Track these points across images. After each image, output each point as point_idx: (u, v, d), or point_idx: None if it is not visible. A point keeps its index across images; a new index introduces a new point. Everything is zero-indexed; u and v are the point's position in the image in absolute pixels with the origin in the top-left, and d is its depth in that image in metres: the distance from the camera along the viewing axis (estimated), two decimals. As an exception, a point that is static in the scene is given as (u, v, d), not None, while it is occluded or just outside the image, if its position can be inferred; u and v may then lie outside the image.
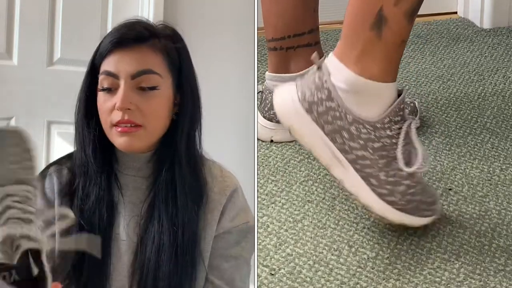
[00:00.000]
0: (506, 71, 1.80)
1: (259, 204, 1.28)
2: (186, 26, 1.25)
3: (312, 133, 1.15)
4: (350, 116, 1.13)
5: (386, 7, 1.10)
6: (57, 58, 1.33)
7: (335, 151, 1.15)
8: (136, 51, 0.92)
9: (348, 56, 1.13)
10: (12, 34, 1.30)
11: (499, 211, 1.25)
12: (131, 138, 0.90)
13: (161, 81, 0.92)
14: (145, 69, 0.91)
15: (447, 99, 1.66)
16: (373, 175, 1.15)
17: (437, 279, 1.10)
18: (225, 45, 1.40)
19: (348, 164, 1.15)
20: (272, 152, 1.44)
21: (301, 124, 1.16)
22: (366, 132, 1.14)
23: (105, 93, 0.91)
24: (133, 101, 0.90)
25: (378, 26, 1.11)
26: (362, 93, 1.13)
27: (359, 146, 1.14)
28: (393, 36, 1.12)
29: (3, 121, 1.29)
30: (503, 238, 1.19)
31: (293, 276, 1.11)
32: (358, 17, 1.13)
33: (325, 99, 1.14)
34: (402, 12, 1.11)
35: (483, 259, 1.14)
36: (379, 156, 1.14)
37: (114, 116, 0.90)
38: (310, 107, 1.15)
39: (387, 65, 1.14)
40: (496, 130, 1.52)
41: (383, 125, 1.14)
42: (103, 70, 0.91)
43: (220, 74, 1.33)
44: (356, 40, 1.13)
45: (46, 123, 1.29)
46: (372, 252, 1.16)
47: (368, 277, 1.11)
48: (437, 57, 1.88)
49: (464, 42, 1.98)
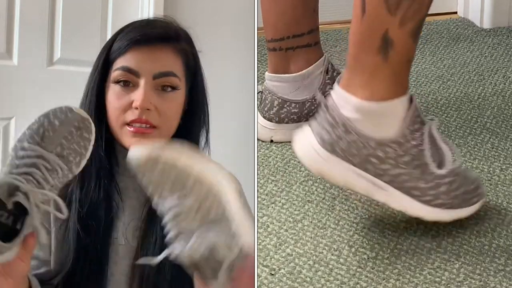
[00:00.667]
0: (506, 71, 1.80)
1: (259, 204, 1.28)
2: (185, 26, 1.25)
3: (343, 171, 1.15)
4: (372, 142, 1.14)
5: (392, 30, 1.10)
6: (57, 58, 1.33)
7: (370, 178, 1.16)
8: (159, 51, 0.90)
9: (355, 84, 1.13)
10: (12, 34, 1.30)
11: (499, 211, 1.25)
12: (144, 139, 0.88)
13: (180, 84, 0.91)
14: (168, 71, 0.89)
15: (447, 99, 1.66)
16: (414, 187, 1.16)
17: (437, 279, 1.10)
18: (225, 45, 1.40)
19: (386, 185, 1.16)
20: (272, 152, 1.44)
21: (330, 166, 1.16)
22: (393, 151, 1.14)
23: (120, 89, 0.89)
24: (153, 101, 0.88)
25: (385, 50, 1.11)
26: (377, 116, 1.13)
27: (391, 166, 1.15)
28: (400, 57, 1.12)
29: (3, 121, 1.29)
30: (503, 238, 1.19)
31: (293, 276, 1.11)
32: (363, 43, 1.13)
33: (344, 134, 1.14)
34: (407, 33, 1.11)
35: (483, 259, 1.14)
36: (413, 167, 1.15)
37: (129, 114, 0.88)
38: (332, 148, 1.15)
39: (396, 83, 1.14)
40: (496, 130, 1.52)
41: (405, 137, 1.14)
42: (120, 66, 0.89)
43: (220, 74, 1.33)
44: (362, 67, 1.13)
45: (46, 123, 1.29)
46: (372, 252, 1.16)
47: (368, 277, 1.11)
48: (437, 57, 1.88)
49: (464, 42, 1.98)
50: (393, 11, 1.09)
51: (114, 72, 0.89)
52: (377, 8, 1.09)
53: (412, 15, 1.10)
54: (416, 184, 1.16)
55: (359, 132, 1.13)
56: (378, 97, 1.12)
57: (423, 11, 1.11)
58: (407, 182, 1.15)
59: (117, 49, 0.90)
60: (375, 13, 1.10)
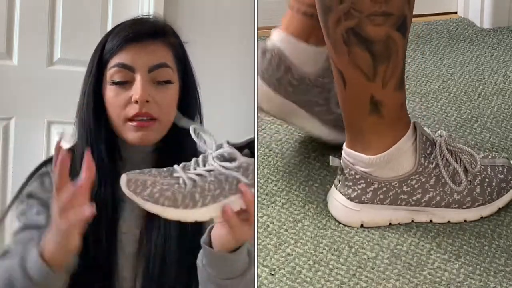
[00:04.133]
0: (506, 70, 1.80)
1: (259, 204, 1.28)
2: (186, 26, 1.25)
3: (379, 213, 1.20)
4: (396, 182, 1.18)
5: (376, 93, 1.14)
6: (57, 58, 1.33)
7: (408, 209, 1.21)
8: (150, 46, 0.93)
9: (359, 145, 1.18)
10: (12, 34, 1.30)
11: (499, 212, 1.25)
12: (147, 133, 0.92)
13: (174, 76, 0.95)
14: (161, 62, 0.93)
15: (447, 98, 1.66)
16: (451, 202, 1.21)
17: (437, 280, 1.10)
18: (225, 45, 1.40)
19: (425, 208, 1.21)
20: (272, 152, 1.44)
21: (368, 216, 1.20)
22: (416, 181, 1.19)
23: (117, 86, 0.92)
24: (151, 93, 0.92)
25: (377, 110, 1.15)
26: (391, 160, 1.17)
27: (422, 194, 1.19)
28: (393, 109, 1.16)
29: (3, 121, 1.29)
30: (503, 239, 1.19)
31: (293, 276, 1.11)
32: (354, 110, 1.17)
33: (367, 186, 1.18)
34: (392, 89, 1.14)
35: (483, 260, 1.14)
36: (441, 186, 1.20)
37: (130, 110, 0.91)
38: (361, 200, 1.19)
39: (397, 127, 1.18)
40: (496, 130, 1.52)
41: (423, 165, 1.18)
42: (116, 63, 0.92)
43: (220, 73, 1.33)
44: (360, 130, 1.17)
45: (46, 123, 1.29)
46: (372, 252, 1.16)
47: (368, 277, 1.11)
48: (437, 57, 1.88)
49: (464, 42, 1.98)
50: (372, 78, 1.13)
51: (110, 70, 0.93)
52: (356, 78, 1.13)
53: (392, 74, 1.13)
54: (452, 197, 1.20)
55: (380, 180, 1.17)
56: (385, 148, 1.17)
57: (400, 64, 1.14)
58: (443, 201, 1.20)
59: (110, 49, 0.93)
60: (355, 83, 1.13)
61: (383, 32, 1.09)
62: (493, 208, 1.24)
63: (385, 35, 1.10)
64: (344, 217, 1.21)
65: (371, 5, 1.07)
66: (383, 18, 1.08)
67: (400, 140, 1.17)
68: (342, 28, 1.09)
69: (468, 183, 1.21)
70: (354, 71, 1.12)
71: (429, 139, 1.19)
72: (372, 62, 1.11)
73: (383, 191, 1.18)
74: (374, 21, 1.08)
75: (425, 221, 1.22)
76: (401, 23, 1.10)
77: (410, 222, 1.22)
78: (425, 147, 1.18)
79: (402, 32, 1.11)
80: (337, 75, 1.15)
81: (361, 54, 1.10)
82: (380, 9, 1.08)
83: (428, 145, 1.19)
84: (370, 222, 1.20)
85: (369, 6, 1.07)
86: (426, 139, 1.19)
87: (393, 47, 1.11)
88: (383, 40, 1.10)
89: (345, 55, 1.11)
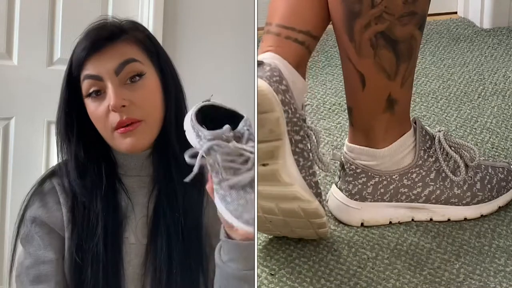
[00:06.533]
0: (506, 70, 1.80)
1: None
2: (186, 26, 1.25)
3: (380, 211, 1.21)
4: (396, 175, 1.19)
5: (394, 92, 1.15)
6: (57, 58, 1.33)
7: (407, 205, 1.21)
8: (111, 49, 0.91)
9: (365, 140, 1.18)
10: (12, 34, 1.29)
11: (499, 212, 1.25)
12: (136, 137, 0.89)
13: (145, 68, 0.92)
14: (125, 59, 0.91)
15: (447, 98, 1.66)
16: (451, 196, 1.21)
17: (437, 279, 1.10)
18: (225, 45, 1.40)
19: (424, 205, 1.21)
20: (272, 152, 1.44)
21: (368, 215, 1.21)
22: (417, 174, 1.19)
23: (93, 99, 0.90)
24: (126, 96, 0.89)
25: (391, 108, 1.16)
26: (395, 154, 1.18)
27: (422, 188, 1.20)
28: (404, 106, 1.18)
29: (3, 121, 1.29)
30: (503, 239, 1.19)
31: (293, 276, 1.11)
32: (368, 109, 1.17)
33: (367, 180, 1.19)
34: (408, 87, 1.16)
35: (483, 260, 1.14)
36: (442, 180, 1.21)
37: (112, 119, 0.89)
38: (361, 195, 1.20)
39: (404, 124, 1.20)
40: (496, 130, 1.52)
41: (422, 158, 1.19)
42: (84, 75, 0.91)
43: (219, 73, 1.33)
44: (370, 126, 1.18)
45: (46, 123, 1.29)
46: (372, 252, 1.16)
47: (368, 277, 1.11)
48: (437, 57, 1.88)
49: (464, 42, 1.98)
50: (393, 77, 1.13)
51: (83, 84, 0.91)
52: (377, 79, 1.13)
53: (410, 72, 1.15)
54: (452, 192, 1.21)
55: (381, 173, 1.18)
56: (392, 141, 1.18)
57: (415, 62, 1.16)
58: (442, 195, 1.21)
59: (75, 64, 0.92)
60: (375, 83, 1.14)
61: (408, 31, 1.10)
62: (493, 207, 1.24)
63: (409, 34, 1.11)
64: (344, 215, 1.22)
65: (403, 7, 1.08)
66: (409, 18, 1.09)
67: (405, 134, 1.18)
68: (371, 32, 1.10)
69: (468, 178, 1.21)
70: (377, 72, 1.13)
71: (429, 134, 1.21)
72: (396, 61, 1.12)
73: (384, 184, 1.19)
74: (402, 21, 1.09)
75: (425, 220, 1.22)
76: (422, 21, 1.11)
77: (410, 220, 1.22)
78: (425, 141, 1.19)
79: (422, 30, 1.13)
80: (355, 77, 1.14)
81: (387, 55, 1.11)
82: (409, 9, 1.09)
83: (428, 139, 1.20)
84: (370, 221, 1.21)
85: (401, 8, 1.08)
86: (425, 133, 1.20)
87: (415, 45, 1.12)
88: (408, 39, 1.11)
89: (370, 58, 1.12)
